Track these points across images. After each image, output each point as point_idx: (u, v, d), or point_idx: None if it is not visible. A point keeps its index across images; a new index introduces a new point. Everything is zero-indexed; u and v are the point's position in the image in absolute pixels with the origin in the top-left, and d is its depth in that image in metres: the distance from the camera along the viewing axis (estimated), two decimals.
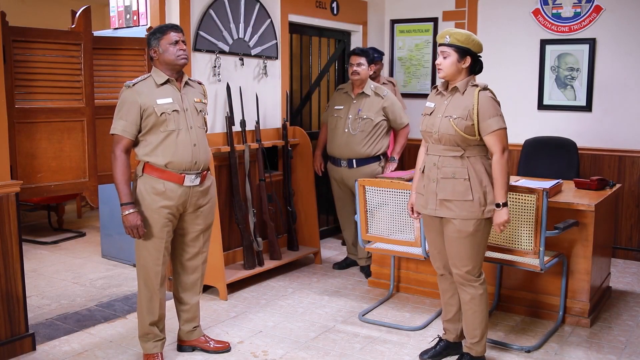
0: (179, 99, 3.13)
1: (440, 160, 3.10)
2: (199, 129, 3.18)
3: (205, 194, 3.25)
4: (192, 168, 3.12)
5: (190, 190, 3.15)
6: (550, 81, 5.57)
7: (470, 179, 3.04)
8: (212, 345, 3.46)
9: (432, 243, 3.29)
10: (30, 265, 5.06)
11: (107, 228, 5.25)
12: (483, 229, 3.09)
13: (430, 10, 6.14)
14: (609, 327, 3.85)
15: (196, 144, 3.14)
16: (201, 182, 3.19)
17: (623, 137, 5.31)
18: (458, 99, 3.08)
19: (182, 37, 3.11)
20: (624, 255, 5.39)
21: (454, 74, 3.08)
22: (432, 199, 3.13)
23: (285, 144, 4.99)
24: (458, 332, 3.40)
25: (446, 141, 3.07)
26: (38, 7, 7.41)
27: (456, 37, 3.04)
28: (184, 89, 3.18)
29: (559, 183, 4.07)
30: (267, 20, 4.86)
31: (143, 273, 3.19)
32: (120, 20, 4.43)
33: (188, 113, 3.14)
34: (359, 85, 4.69)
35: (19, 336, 3.40)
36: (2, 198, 3.26)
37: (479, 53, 3.09)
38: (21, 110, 3.43)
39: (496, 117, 3.01)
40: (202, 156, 3.17)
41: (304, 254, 5.10)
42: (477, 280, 3.14)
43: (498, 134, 3.00)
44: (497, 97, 3.08)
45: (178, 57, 3.08)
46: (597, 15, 5.30)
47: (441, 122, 3.08)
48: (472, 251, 3.09)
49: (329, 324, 3.88)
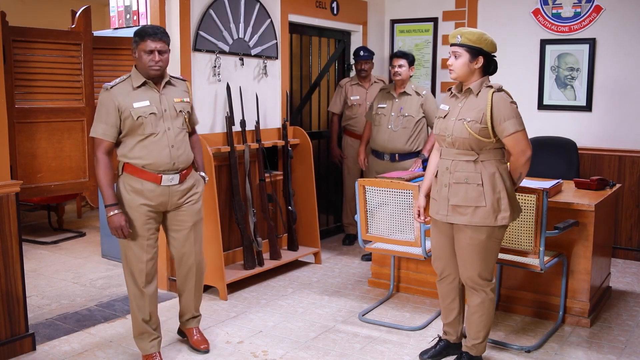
0: (157, 101, 3.12)
1: (453, 165, 3.02)
2: (177, 129, 3.18)
3: (187, 192, 3.25)
4: (171, 169, 3.14)
5: (169, 189, 3.16)
6: (550, 81, 5.57)
7: (484, 184, 2.95)
8: (194, 338, 3.49)
9: (439, 246, 3.22)
10: (30, 265, 5.06)
11: (107, 228, 5.15)
12: (497, 236, 3.02)
13: (430, 10, 6.14)
14: (609, 327, 3.85)
15: (174, 145, 3.14)
16: (181, 182, 3.20)
17: (623, 137, 5.31)
18: (472, 101, 3.00)
19: (159, 46, 3.05)
20: (624, 255, 5.39)
21: (466, 74, 3.01)
22: (444, 204, 3.06)
23: (285, 144, 4.99)
24: (458, 334, 3.39)
25: (460, 145, 2.99)
26: (38, 7, 7.41)
27: (468, 36, 2.95)
28: (164, 89, 3.18)
29: (559, 183, 4.07)
30: (267, 20, 4.86)
31: (129, 271, 3.21)
32: (120, 20, 4.44)
33: (166, 114, 3.14)
34: (401, 85, 5.01)
35: (19, 336, 3.40)
36: (2, 198, 3.26)
37: (492, 52, 3.01)
38: (21, 110, 3.43)
39: (512, 120, 2.92)
40: (181, 157, 3.18)
41: (304, 254, 5.10)
42: (489, 285, 3.09)
43: (515, 137, 2.93)
44: (513, 98, 3.00)
45: (150, 67, 3.06)
46: (597, 15, 5.30)
47: (455, 125, 2.99)
48: (484, 257, 3.03)
49: (329, 324, 3.88)
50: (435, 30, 6.11)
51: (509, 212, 2.97)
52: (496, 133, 2.95)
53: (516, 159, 2.98)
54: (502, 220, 2.97)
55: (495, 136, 2.96)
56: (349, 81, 5.68)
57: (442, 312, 3.39)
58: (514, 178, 3.05)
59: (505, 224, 3.00)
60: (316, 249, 5.17)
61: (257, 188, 4.78)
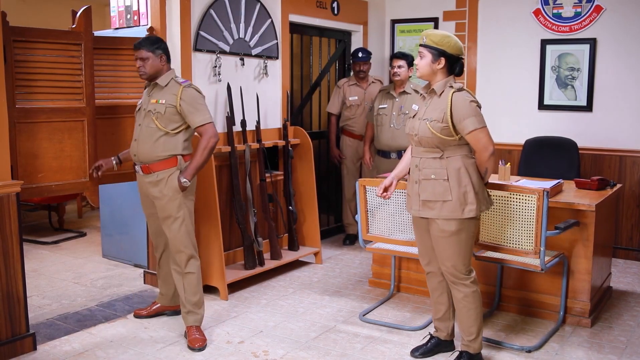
0: (144, 100, 3.57)
1: (421, 162, 3.14)
2: (146, 127, 3.49)
3: (154, 186, 3.51)
4: (135, 160, 3.56)
5: (140, 177, 3.59)
6: (551, 81, 5.57)
7: (450, 179, 3.05)
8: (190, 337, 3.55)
9: (419, 241, 3.34)
10: (31, 265, 5.06)
11: (107, 228, 5.25)
12: (467, 228, 3.10)
13: (431, 10, 6.13)
14: (609, 327, 3.85)
15: (137, 139, 3.53)
16: (145, 173, 3.52)
17: (624, 137, 5.30)
18: (435, 102, 3.09)
19: (139, 54, 3.45)
20: (625, 255, 5.39)
21: (428, 74, 3.11)
22: (416, 199, 3.18)
23: (286, 144, 5.00)
24: (449, 330, 3.44)
25: (425, 143, 3.10)
26: (39, 7, 7.41)
27: (432, 38, 3.06)
28: (153, 90, 3.54)
29: (560, 183, 4.07)
30: (268, 20, 4.86)
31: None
32: (120, 20, 4.44)
33: (141, 112, 3.55)
34: (400, 85, 5.19)
35: (20, 336, 3.40)
36: (3, 198, 3.26)
37: (456, 54, 3.07)
38: (22, 110, 3.43)
39: (471, 118, 2.99)
40: (142, 151, 3.50)
41: (305, 254, 5.10)
42: (467, 278, 3.16)
43: (474, 134, 3.00)
44: (474, 97, 3.07)
45: (139, 74, 3.52)
46: (598, 15, 5.30)
47: (420, 125, 3.10)
48: (458, 250, 3.11)
49: (329, 324, 3.88)
50: None
51: (475, 205, 3.06)
52: (458, 131, 3.02)
53: (479, 155, 3.06)
54: (469, 213, 3.06)
55: (458, 134, 3.04)
56: (347, 82, 5.71)
57: (432, 307, 3.45)
58: (481, 173, 3.12)
59: (473, 216, 3.08)
60: (317, 248, 5.17)
61: (257, 188, 4.78)
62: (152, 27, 4.13)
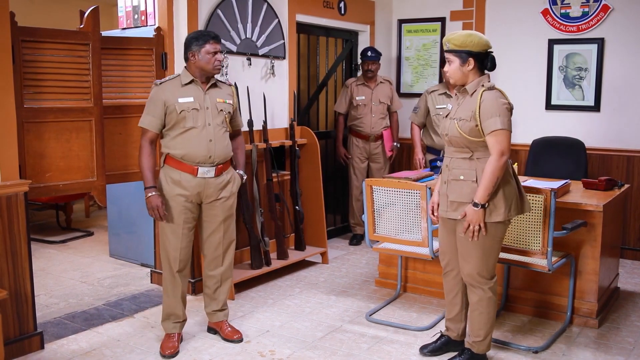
0: (201, 98, 3.38)
1: (452, 162, 3.11)
2: (217, 126, 3.40)
3: (223, 187, 3.47)
4: (207, 161, 3.37)
5: (205, 181, 3.38)
6: (559, 81, 5.55)
7: (478, 181, 3.00)
8: (227, 331, 3.63)
9: (442, 240, 3.30)
10: (39, 264, 5.09)
11: (115, 227, 5.27)
12: (494, 232, 3.04)
13: (438, 10, 6.12)
14: (617, 328, 3.83)
15: (212, 140, 3.37)
16: (217, 175, 3.41)
17: (631, 137, 5.28)
18: (467, 101, 3.06)
19: (219, 47, 3.39)
20: (633, 256, 5.36)
21: (461, 78, 3.07)
22: (444, 200, 3.15)
23: (293, 144, 5.00)
24: (460, 331, 3.41)
25: (455, 143, 3.07)
26: (47, 7, 7.44)
27: (453, 42, 3.02)
28: (210, 89, 3.43)
29: (567, 183, 4.06)
30: (275, 20, 4.86)
31: (164, 256, 3.47)
32: (128, 20, 4.45)
33: (208, 111, 3.39)
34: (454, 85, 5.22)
35: (28, 334, 3.42)
36: (11, 197, 3.27)
37: (483, 50, 3.02)
38: (30, 110, 3.44)
39: (496, 117, 2.92)
40: (219, 151, 3.39)
41: (312, 253, 5.10)
42: (487, 283, 3.11)
43: (495, 134, 2.92)
44: (506, 98, 3.01)
45: (215, 67, 3.38)
46: (605, 14, 5.28)
47: (450, 125, 3.08)
48: (482, 254, 3.06)
49: (336, 324, 3.88)
50: (443, 30, 6.09)
51: (503, 209, 2.98)
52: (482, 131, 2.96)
53: (492, 159, 2.92)
54: (496, 217, 2.99)
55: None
56: (355, 81, 5.69)
57: (447, 306, 3.43)
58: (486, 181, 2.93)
59: (501, 221, 3.00)
60: (323, 248, 5.17)
61: (264, 188, 4.79)
62: (159, 27, 4.14)
